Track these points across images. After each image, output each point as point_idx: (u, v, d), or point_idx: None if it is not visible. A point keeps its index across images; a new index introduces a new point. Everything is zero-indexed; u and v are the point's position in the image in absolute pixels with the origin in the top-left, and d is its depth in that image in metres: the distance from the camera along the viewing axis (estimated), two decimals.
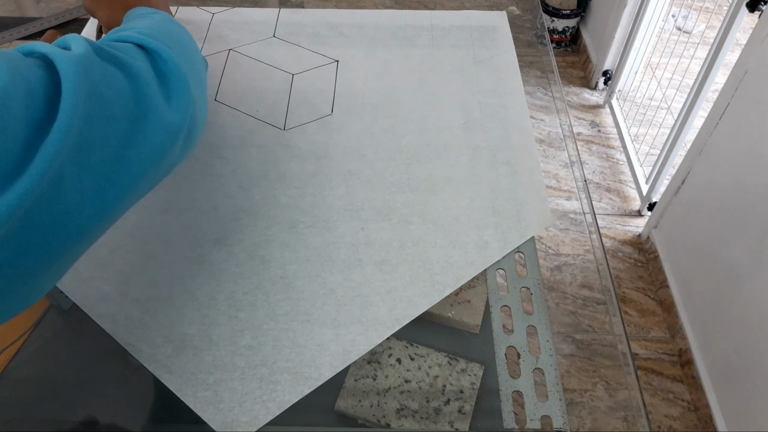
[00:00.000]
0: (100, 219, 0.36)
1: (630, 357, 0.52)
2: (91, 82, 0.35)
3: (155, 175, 0.42)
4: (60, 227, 0.33)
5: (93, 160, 0.34)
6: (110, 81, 0.37)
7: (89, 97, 0.34)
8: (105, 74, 0.37)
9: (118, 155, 0.36)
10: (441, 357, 0.50)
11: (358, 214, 0.60)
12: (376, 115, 0.70)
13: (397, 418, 0.46)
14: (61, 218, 0.33)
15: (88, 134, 0.34)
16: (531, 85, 0.81)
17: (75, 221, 0.34)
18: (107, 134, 0.36)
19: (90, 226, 0.35)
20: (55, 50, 0.35)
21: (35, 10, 0.98)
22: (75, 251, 0.36)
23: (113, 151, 0.36)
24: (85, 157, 0.34)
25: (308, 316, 0.52)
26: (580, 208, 1.70)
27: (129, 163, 0.37)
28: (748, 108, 1.17)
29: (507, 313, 0.53)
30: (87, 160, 0.34)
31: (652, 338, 1.43)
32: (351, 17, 0.85)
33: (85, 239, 0.36)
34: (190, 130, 0.45)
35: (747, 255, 1.15)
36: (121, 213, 0.40)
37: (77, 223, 0.34)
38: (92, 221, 0.35)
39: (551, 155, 1.82)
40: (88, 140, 0.34)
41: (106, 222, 0.38)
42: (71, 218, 0.33)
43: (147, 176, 0.40)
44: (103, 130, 0.35)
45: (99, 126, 0.35)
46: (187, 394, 0.47)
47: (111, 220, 0.39)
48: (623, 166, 1.85)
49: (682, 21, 2.34)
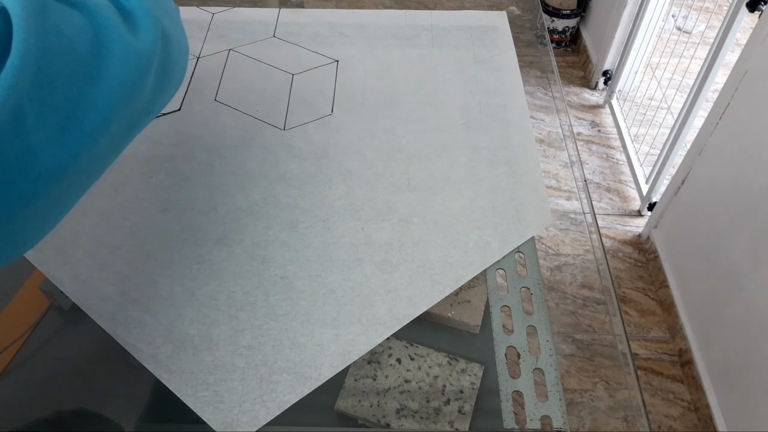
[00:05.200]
0: (73, 158, 0.36)
1: (630, 357, 0.52)
2: (45, 20, 0.35)
3: (131, 114, 0.41)
4: (26, 166, 0.33)
5: (55, 98, 0.35)
6: (67, 18, 0.37)
7: (46, 34, 0.34)
8: (61, 12, 0.37)
9: (81, 92, 0.36)
10: (441, 357, 0.50)
11: (358, 214, 0.60)
12: (376, 115, 0.70)
13: (397, 418, 0.46)
14: (25, 157, 0.33)
15: (48, 71, 0.34)
16: (531, 85, 0.81)
17: (41, 161, 0.34)
18: (69, 71, 0.36)
19: (61, 165, 0.35)
20: None
21: None
22: (54, 194, 0.36)
23: (76, 88, 0.36)
24: (46, 94, 0.34)
25: (308, 316, 0.52)
26: (580, 208, 1.70)
27: (95, 99, 0.37)
28: (748, 108, 1.17)
29: (507, 313, 0.53)
30: (48, 98, 0.34)
31: (652, 338, 1.43)
32: (351, 17, 0.85)
33: (61, 181, 0.36)
34: (164, 64, 0.44)
35: (747, 255, 1.15)
36: (104, 155, 0.40)
37: (44, 162, 0.34)
38: (62, 160, 0.35)
39: (551, 155, 1.82)
40: (49, 77, 0.34)
41: (83, 162, 0.37)
42: (36, 157, 0.33)
43: (119, 113, 0.39)
44: (64, 68, 0.35)
45: (59, 63, 0.35)
46: (187, 394, 0.47)
47: (92, 162, 0.39)
48: (623, 166, 1.85)
49: (682, 21, 2.34)
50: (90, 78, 0.37)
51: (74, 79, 0.36)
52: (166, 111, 0.70)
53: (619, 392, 1.31)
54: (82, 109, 0.36)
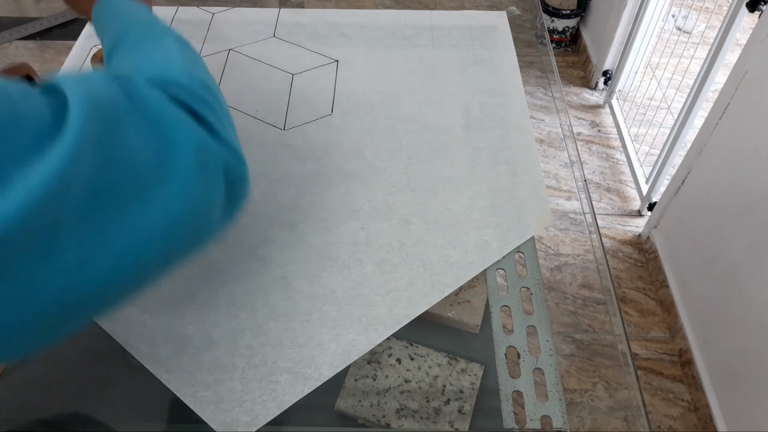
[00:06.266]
0: (82, 295, 0.30)
1: (630, 357, 0.52)
2: (106, 124, 0.30)
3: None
4: (37, 290, 0.27)
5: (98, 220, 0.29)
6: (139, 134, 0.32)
7: (104, 139, 0.29)
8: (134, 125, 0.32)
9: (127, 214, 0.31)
10: (441, 357, 0.50)
11: (358, 214, 0.60)
12: (376, 115, 0.70)
13: (397, 418, 0.46)
14: (42, 281, 0.27)
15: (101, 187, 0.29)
16: (531, 85, 0.81)
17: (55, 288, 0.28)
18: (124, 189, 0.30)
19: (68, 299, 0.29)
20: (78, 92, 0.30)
21: (35, 10, 0.98)
22: (50, 324, 0.30)
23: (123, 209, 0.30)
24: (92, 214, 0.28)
25: (308, 316, 0.52)
26: (580, 208, 1.70)
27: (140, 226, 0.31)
28: (748, 108, 1.17)
29: (507, 313, 0.53)
30: (92, 218, 0.29)
31: (652, 338, 1.43)
32: (351, 17, 0.85)
33: (63, 315, 0.30)
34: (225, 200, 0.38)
35: (747, 255, 1.15)
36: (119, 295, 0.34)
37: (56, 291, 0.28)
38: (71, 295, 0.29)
39: (551, 155, 1.82)
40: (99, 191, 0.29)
41: (88, 301, 0.31)
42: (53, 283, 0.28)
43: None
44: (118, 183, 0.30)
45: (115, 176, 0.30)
46: (187, 394, 0.47)
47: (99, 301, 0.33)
48: (623, 166, 1.85)
49: (682, 21, 2.34)
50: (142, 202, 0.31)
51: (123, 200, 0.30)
52: None
53: (619, 392, 1.31)
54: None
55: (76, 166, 0.27)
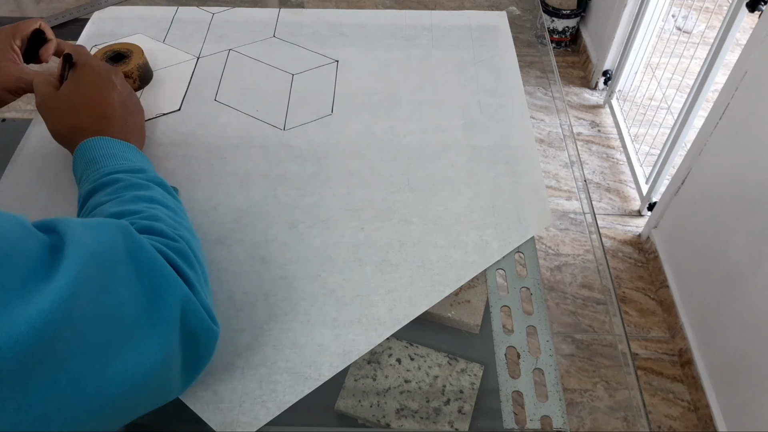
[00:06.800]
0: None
1: (630, 357, 0.52)
2: (102, 271, 0.31)
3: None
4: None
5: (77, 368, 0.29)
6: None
7: (98, 292, 0.30)
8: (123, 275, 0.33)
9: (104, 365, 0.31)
10: (441, 357, 0.50)
11: (358, 214, 0.60)
12: (376, 115, 0.70)
13: (397, 418, 0.46)
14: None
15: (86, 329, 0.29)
16: (531, 85, 0.81)
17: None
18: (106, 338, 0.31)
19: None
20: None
21: (35, 10, 0.98)
22: None
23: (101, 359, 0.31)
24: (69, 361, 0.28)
25: (308, 316, 0.52)
26: (580, 208, 1.70)
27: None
28: (748, 108, 1.17)
29: (507, 313, 0.53)
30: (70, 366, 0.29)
31: (652, 338, 1.43)
32: (351, 17, 0.85)
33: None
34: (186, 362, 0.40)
35: (747, 255, 1.15)
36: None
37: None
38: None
39: (551, 155, 1.82)
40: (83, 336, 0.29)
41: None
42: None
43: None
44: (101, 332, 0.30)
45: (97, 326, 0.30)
46: (187, 394, 0.47)
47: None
48: (623, 166, 1.85)
49: (682, 21, 2.34)
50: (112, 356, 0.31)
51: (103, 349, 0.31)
52: (166, 111, 0.70)
53: (619, 392, 1.31)
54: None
55: (63, 311, 0.27)
